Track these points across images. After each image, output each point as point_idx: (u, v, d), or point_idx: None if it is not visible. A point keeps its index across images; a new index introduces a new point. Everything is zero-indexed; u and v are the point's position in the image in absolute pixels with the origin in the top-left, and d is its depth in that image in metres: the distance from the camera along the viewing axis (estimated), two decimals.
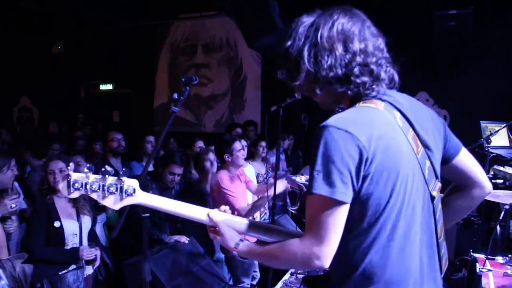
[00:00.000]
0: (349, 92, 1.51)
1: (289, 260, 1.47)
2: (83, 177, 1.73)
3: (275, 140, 4.34)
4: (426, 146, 1.53)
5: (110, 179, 1.75)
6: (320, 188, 1.37)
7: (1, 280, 2.84)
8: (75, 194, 1.74)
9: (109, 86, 10.74)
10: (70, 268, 3.56)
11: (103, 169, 1.72)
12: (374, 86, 1.51)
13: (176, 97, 2.18)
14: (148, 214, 2.26)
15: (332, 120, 1.42)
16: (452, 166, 1.69)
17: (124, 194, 1.75)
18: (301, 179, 4.27)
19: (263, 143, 5.51)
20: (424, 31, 6.81)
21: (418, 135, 1.52)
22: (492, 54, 6.58)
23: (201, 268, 4.01)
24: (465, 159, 1.71)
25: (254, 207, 4.11)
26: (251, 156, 5.40)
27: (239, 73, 9.39)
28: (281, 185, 4.29)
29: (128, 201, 1.76)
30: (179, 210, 1.81)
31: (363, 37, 1.51)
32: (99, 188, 1.73)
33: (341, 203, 1.37)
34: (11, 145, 6.38)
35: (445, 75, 7.03)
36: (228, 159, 4.27)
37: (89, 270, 3.74)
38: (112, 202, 1.76)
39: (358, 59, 1.49)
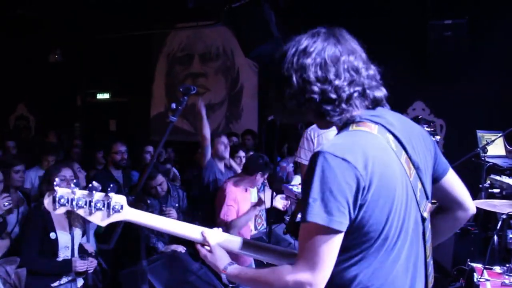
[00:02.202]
0: (328, 118, 1.51)
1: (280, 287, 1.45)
2: (69, 193, 1.70)
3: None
4: (417, 168, 1.54)
5: (97, 195, 1.72)
6: (317, 216, 1.36)
7: None
8: (60, 210, 1.72)
9: (106, 95, 10.72)
10: (62, 282, 3.51)
11: (90, 184, 1.70)
12: (347, 108, 1.49)
13: (174, 107, 2.17)
14: None
15: (327, 147, 1.41)
16: (439, 186, 1.69)
17: (111, 211, 1.72)
18: (298, 188, 4.28)
19: (241, 153, 5.48)
20: (419, 41, 6.85)
21: (410, 157, 1.52)
22: (488, 64, 6.62)
23: (198, 277, 3.99)
24: (452, 180, 1.71)
25: (242, 220, 4.10)
26: None
27: (235, 82, 9.40)
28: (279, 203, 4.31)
29: (115, 217, 1.73)
30: (169, 227, 1.78)
31: (323, 62, 1.49)
32: (85, 204, 1.71)
33: (336, 232, 1.37)
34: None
35: (442, 85, 7.06)
36: (257, 177, 4.23)
37: (79, 282, 3.70)
38: (99, 219, 1.73)
39: (315, 88, 1.47)
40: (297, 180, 6.00)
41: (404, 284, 1.49)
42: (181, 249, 4.16)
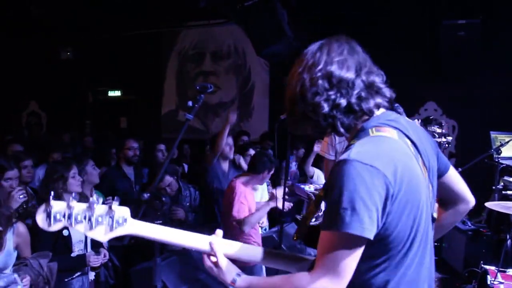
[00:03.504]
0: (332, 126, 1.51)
1: None
2: (65, 207, 1.59)
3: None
4: (429, 170, 1.54)
5: (99, 209, 1.60)
6: (348, 225, 1.32)
7: (17, 285, 2.84)
8: (56, 227, 1.59)
9: (117, 93, 10.77)
10: (75, 275, 3.54)
11: (91, 198, 1.60)
12: (327, 126, 1.49)
13: (191, 104, 2.15)
14: (160, 221, 2.24)
15: (354, 154, 1.37)
16: (442, 183, 1.70)
17: (114, 225, 1.60)
18: (310, 187, 4.26)
19: (251, 152, 5.51)
20: (432, 41, 6.81)
21: (423, 160, 1.52)
22: (500, 64, 6.57)
23: (208, 275, 3.99)
24: (453, 176, 1.74)
25: (256, 216, 4.11)
26: None
27: (247, 81, 9.40)
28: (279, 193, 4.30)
29: (118, 232, 1.62)
30: (176, 239, 1.69)
31: (305, 83, 1.49)
32: (85, 219, 1.58)
33: (365, 240, 1.34)
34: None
35: (454, 85, 7.02)
36: (264, 175, 4.26)
37: (91, 275, 3.74)
38: (101, 234, 1.61)
39: (299, 108, 1.51)
40: (317, 174, 6.00)
41: (426, 284, 1.49)
42: None
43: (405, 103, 3.24)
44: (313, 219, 1.71)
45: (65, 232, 3.46)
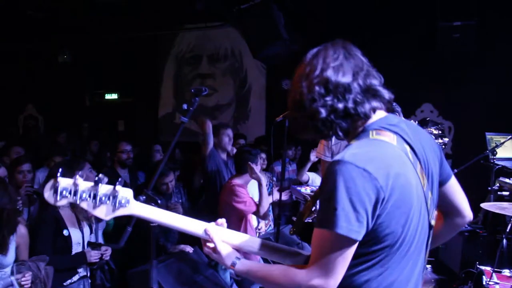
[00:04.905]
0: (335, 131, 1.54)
1: None
2: (72, 184, 1.64)
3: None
4: (429, 178, 1.56)
5: (103, 188, 1.65)
6: (336, 225, 1.36)
7: None
8: (62, 202, 1.65)
9: (114, 96, 10.76)
10: (75, 279, 3.55)
11: (96, 177, 1.64)
12: (328, 132, 1.52)
13: (186, 108, 2.16)
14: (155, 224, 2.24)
15: (348, 156, 1.40)
16: (442, 191, 1.70)
17: (117, 205, 1.66)
18: (306, 190, 4.28)
19: (263, 155, 5.53)
20: (428, 43, 6.83)
21: (423, 168, 1.53)
22: (497, 65, 6.59)
23: (205, 278, 4.00)
24: (454, 187, 1.73)
25: (265, 202, 4.15)
26: None
27: (243, 84, 9.41)
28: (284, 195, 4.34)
29: (121, 212, 1.68)
30: (174, 223, 1.74)
31: (306, 89, 1.51)
32: (89, 197, 1.64)
33: (353, 241, 1.39)
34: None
35: (450, 87, 7.05)
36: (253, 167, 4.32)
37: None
38: (103, 213, 1.67)
39: (300, 114, 1.54)
40: (312, 178, 6.00)
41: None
42: (188, 249, 4.18)
43: (401, 105, 3.26)
44: (309, 217, 1.75)
45: (65, 232, 3.48)
